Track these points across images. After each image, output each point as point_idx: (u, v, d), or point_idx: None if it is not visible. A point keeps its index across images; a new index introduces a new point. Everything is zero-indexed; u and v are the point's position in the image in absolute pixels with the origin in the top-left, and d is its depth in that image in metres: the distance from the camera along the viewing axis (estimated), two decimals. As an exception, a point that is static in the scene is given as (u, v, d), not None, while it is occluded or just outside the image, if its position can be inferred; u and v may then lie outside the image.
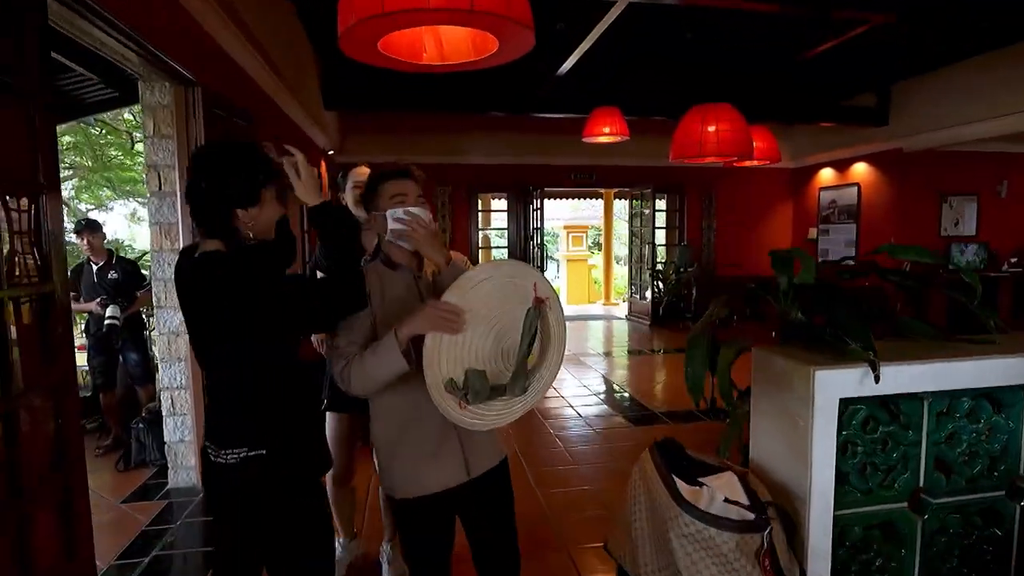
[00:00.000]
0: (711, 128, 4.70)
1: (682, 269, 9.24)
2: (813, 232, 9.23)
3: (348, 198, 2.27)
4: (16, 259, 1.69)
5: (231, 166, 1.35)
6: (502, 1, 1.32)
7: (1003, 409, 1.56)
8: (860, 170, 8.35)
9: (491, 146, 8.78)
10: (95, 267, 4.00)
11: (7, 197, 1.65)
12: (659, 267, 9.34)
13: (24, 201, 1.72)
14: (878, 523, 1.53)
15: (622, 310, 10.87)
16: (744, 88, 6.88)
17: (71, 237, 4.72)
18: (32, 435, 1.72)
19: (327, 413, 2.30)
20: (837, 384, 1.37)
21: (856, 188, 8.36)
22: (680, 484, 1.43)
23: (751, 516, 1.32)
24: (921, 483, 1.53)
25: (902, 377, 1.46)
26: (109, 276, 3.99)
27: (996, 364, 1.51)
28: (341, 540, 2.48)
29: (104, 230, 4.12)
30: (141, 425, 3.74)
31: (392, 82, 6.49)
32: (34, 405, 1.73)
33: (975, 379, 1.51)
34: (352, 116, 8.12)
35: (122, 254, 4.17)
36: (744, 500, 1.40)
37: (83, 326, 4.49)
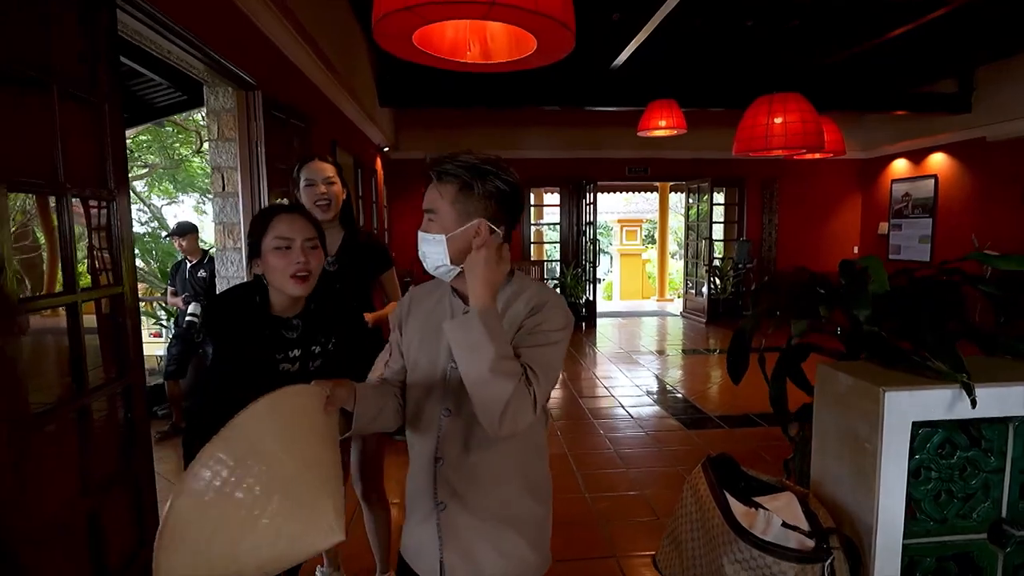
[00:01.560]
0: (778, 119, 4.51)
1: (740, 265, 8.94)
2: (884, 227, 8.73)
3: (302, 198, 2.08)
4: (88, 263, 1.78)
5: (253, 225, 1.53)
6: (530, -3, 1.29)
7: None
8: (938, 161, 7.83)
9: (544, 140, 8.72)
10: (189, 264, 4.30)
11: (81, 203, 1.73)
12: (716, 263, 9.07)
13: (96, 207, 1.81)
14: (953, 555, 1.42)
15: (676, 306, 10.63)
16: (810, 76, 6.55)
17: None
18: (104, 428, 1.81)
19: None
20: (910, 406, 1.27)
21: (933, 180, 7.85)
22: (734, 505, 1.36)
23: (811, 543, 1.25)
24: (1004, 513, 1.41)
25: (986, 400, 1.34)
26: (199, 274, 4.27)
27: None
28: (323, 569, 2.34)
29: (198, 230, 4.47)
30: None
31: (446, 77, 6.52)
32: (105, 400, 1.82)
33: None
34: (406, 111, 8.23)
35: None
36: (804, 525, 1.32)
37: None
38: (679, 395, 5.34)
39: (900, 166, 8.49)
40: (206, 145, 10.13)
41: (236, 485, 0.85)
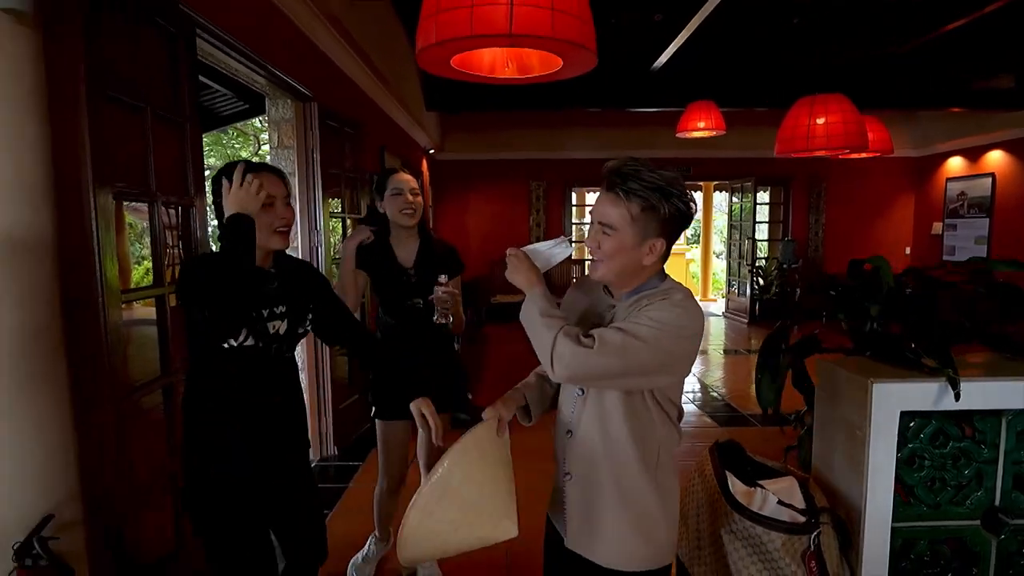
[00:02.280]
0: (820, 120, 4.50)
1: (785, 266, 8.82)
2: (938, 227, 8.47)
3: (387, 206, 2.21)
4: (171, 259, 2.04)
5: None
6: (545, 23, 1.44)
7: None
8: (995, 159, 7.55)
9: (586, 141, 8.82)
10: None
11: (166, 208, 2.00)
12: (760, 263, 8.97)
13: (177, 210, 2.07)
14: (946, 539, 1.51)
15: (719, 306, 10.55)
16: (858, 73, 6.44)
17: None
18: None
19: (376, 421, 2.26)
20: (898, 397, 1.38)
21: (990, 178, 7.58)
22: (736, 484, 1.50)
23: (802, 519, 1.37)
24: (997, 502, 1.49)
25: (979, 393, 1.44)
26: None
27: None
28: (375, 538, 2.45)
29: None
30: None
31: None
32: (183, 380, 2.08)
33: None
34: (451, 114, 8.47)
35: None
36: (799, 504, 1.45)
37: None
38: (716, 394, 5.39)
39: (955, 164, 8.21)
40: (264, 148, 10.66)
41: (448, 506, 1.21)
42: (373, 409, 2.28)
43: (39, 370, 1.45)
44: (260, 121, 9.77)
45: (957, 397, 1.34)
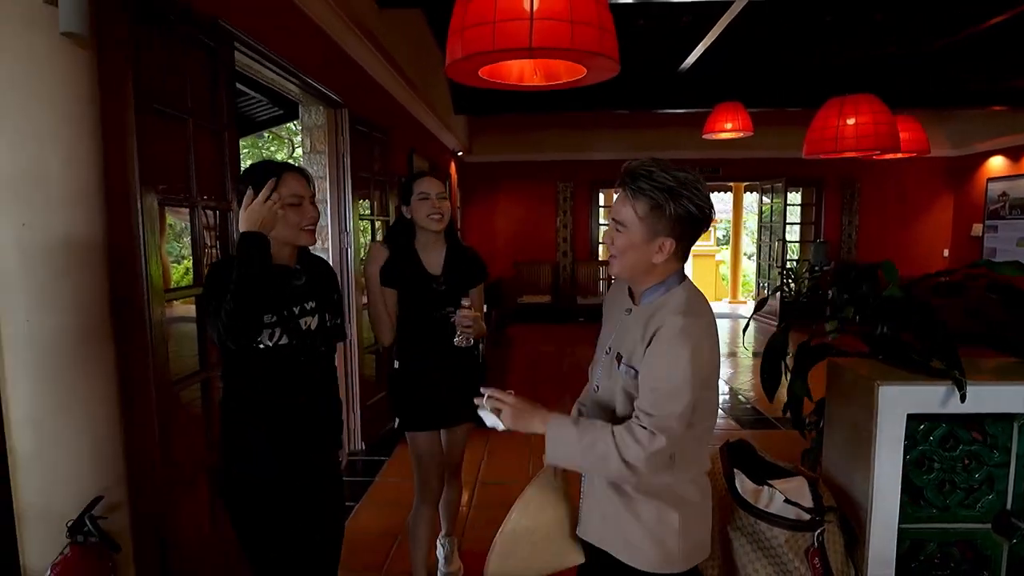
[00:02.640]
0: (850, 121, 4.43)
1: (817, 268, 8.68)
2: (978, 229, 8.23)
3: (414, 211, 2.11)
4: (209, 259, 2.16)
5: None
6: (564, 36, 1.50)
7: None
8: (1039, 158, 7.31)
9: (614, 142, 8.83)
10: None
11: (205, 210, 2.12)
12: (790, 265, 8.84)
13: (215, 212, 2.20)
14: (957, 542, 1.52)
15: (749, 308, 10.43)
16: (893, 72, 6.31)
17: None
18: (217, 398, 2.20)
19: (405, 433, 2.17)
20: (905, 399, 1.40)
21: (1033, 179, 7.35)
22: (745, 483, 1.53)
23: (808, 517, 1.40)
24: (1008, 506, 1.50)
25: (990, 397, 1.45)
26: None
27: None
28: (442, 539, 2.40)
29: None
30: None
31: (517, 85, 6.78)
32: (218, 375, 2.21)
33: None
34: (479, 117, 8.57)
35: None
36: (807, 503, 1.48)
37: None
38: (742, 396, 5.36)
39: (996, 164, 7.97)
40: (298, 151, 10.93)
41: (521, 549, 1.39)
42: (397, 421, 2.19)
43: (91, 365, 1.57)
44: (295, 125, 10.04)
45: (963, 399, 1.36)
